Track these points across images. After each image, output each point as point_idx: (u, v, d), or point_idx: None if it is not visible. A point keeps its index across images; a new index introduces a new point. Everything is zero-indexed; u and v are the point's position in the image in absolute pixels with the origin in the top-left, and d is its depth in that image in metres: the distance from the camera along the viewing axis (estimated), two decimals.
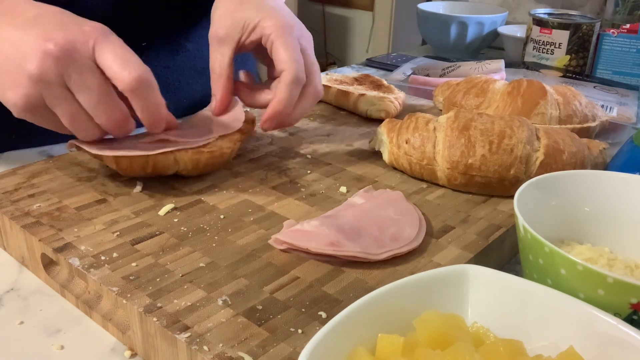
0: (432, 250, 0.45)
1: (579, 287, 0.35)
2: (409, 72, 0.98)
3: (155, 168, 0.52)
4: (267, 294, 0.39)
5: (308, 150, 0.64)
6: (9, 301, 0.44)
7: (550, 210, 0.44)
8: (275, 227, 0.47)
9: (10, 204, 0.49)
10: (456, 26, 1.17)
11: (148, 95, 0.49)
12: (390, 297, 0.33)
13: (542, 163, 0.54)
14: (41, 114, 0.49)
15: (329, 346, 0.29)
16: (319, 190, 0.54)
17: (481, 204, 0.53)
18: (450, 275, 0.35)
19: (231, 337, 0.35)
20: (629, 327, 0.30)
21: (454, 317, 0.33)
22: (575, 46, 1.03)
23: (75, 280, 0.44)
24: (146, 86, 0.48)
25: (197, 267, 0.42)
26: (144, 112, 0.50)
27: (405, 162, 0.57)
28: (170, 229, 0.47)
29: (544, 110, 0.69)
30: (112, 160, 0.51)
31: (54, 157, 0.59)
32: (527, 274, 0.40)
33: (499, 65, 0.92)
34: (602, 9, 1.23)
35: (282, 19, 0.57)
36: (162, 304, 0.38)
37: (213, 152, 0.54)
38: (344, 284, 0.41)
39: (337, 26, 3.42)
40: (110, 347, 0.40)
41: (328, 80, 0.81)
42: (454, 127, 0.55)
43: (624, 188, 0.45)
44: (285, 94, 0.55)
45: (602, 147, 0.59)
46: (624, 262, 0.41)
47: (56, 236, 0.45)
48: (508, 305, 0.34)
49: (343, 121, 0.74)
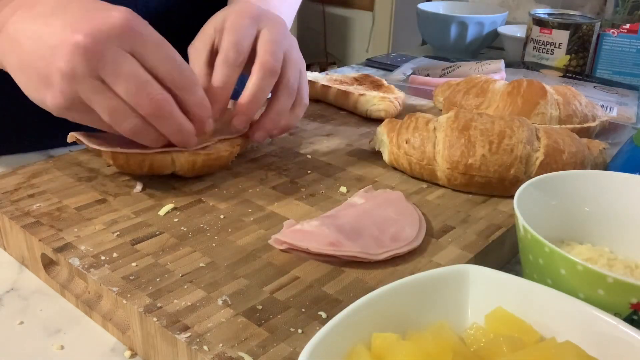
0: (432, 250, 0.45)
1: (579, 287, 0.35)
2: (409, 72, 0.98)
3: (152, 167, 0.52)
4: (267, 294, 0.39)
5: (308, 150, 0.64)
6: (9, 301, 0.44)
7: (550, 210, 0.44)
8: (275, 227, 0.47)
9: (10, 204, 0.49)
10: (456, 26, 1.17)
11: (193, 89, 0.48)
12: (390, 297, 0.33)
13: (542, 163, 0.54)
14: (80, 110, 0.46)
15: (329, 346, 0.29)
16: (319, 190, 0.54)
17: (481, 204, 0.53)
18: (450, 275, 0.35)
19: (231, 337, 0.35)
20: (629, 327, 0.30)
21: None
22: (575, 46, 1.03)
23: (75, 280, 0.44)
24: (193, 83, 0.47)
25: (197, 267, 0.42)
26: (193, 107, 0.48)
27: (405, 162, 0.57)
28: (170, 229, 0.47)
29: (544, 110, 0.69)
30: (110, 155, 0.52)
31: (54, 157, 0.59)
32: (527, 274, 0.40)
33: (499, 65, 0.92)
34: (602, 9, 1.23)
35: (242, 9, 0.55)
36: (162, 304, 0.38)
37: (210, 155, 0.54)
38: (344, 284, 0.41)
39: (337, 26, 3.42)
40: (110, 347, 0.40)
41: (328, 80, 0.81)
42: (454, 127, 0.55)
43: (624, 188, 0.45)
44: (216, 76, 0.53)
45: (602, 147, 0.59)
46: (624, 262, 0.41)
47: (56, 236, 0.45)
48: (508, 305, 0.34)
49: (343, 121, 0.74)
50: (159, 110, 0.46)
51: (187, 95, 0.48)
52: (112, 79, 0.44)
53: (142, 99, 0.45)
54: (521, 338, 0.32)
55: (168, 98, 0.46)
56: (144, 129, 0.47)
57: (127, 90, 0.45)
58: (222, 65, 0.54)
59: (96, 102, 0.45)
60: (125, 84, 0.44)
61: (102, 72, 0.44)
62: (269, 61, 0.54)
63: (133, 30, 0.45)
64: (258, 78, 0.53)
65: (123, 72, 0.44)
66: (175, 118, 0.48)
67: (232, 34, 0.54)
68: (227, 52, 0.53)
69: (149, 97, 0.45)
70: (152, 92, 0.45)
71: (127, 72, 0.44)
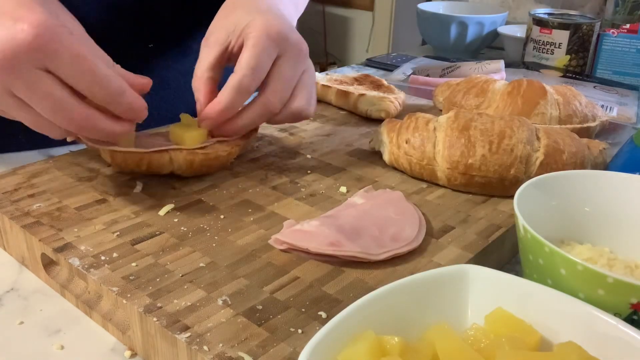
0: (432, 250, 0.45)
1: (579, 287, 0.35)
2: (409, 72, 0.98)
3: (150, 166, 0.52)
4: (267, 294, 0.39)
5: (308, 150, 0.64)
6: (9, 301, 0.44)
7: (550, 210, 0.44)
8: (275, 227, 0.47)
9: (10, 204, 0.49)
10: (456, 26, 1.17)
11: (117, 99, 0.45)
12: (390, 297, 0.33)
13: (542, 163, 0.54)
14: (11, 116, 0.45)
15: (329, 346, 0.29)
16: (319, 190, 0.54)
17: (481, 204, 0.53)
18: (450, 275, 0.35)
19: (231, 337, 0.35)
20: (629, 327, 0.30)
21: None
22: (575, 46, 1.03)
23: (75, 280, 0.44)
24: (116, 93, 0.44)
25: (197, 267, 0.42)
26: (123, 115, 0.46)
27: (405, 162, 0.57)
28: (170, 229, 0.47)
29: (544, 110, 0.69)
30: (108, 154, 0.52)
31: (54, 157, 0.59)
32: (527, 274, 0.40)
33: (498, 65, 0.92)
34: (602, 9, 1.23)
35: (267, 23, 0.53)
36: (162, 304, 0.38)
37: (208, 154, 0.54)
38: (344, 284, 0.41)
39: (337, 26, 3.42)
40: (110, 347, 0.40)
41: (328, 80, 0.81)
42: (454, 127, 0.55)
43: (624, 188, 0.45)
44: (223, 96, 0.52)
45: (602, 147, 0.59)
46: (624, 262, 0.41)
47: (56, 236, 0.45)
48: (508, 305, 0.34)
49: (343, 121, 0.74)
50: (80, 128, 0.44)
51: (112, 106, 0.45)
52: (28, 99, 0.42)
53: (61, 119, 0.43)
54: (522, 338, 0.32)
55: (88, 114, 0.44)
56: (70, 134, 0.46)
57: (44, 111, 0.43)
58: (233, 90, 0.52)
59: (18, 116, 0.44)
60: (41, 104, 0.42)
61: (16, 91, 0.42)
62: (271, 103, 0.53)
63: (44, 47, 0.40)
64: (256, 113, 0.54)
65: (37, 93, 0.42)
66: (102, 128, 0.45)
67: (252, 58, 0.51)
68: (243, 77, 0.51)
69: (67, 117, 0.43)
70: (68, 112, 0.43)
71: (41, 93, 0.42)
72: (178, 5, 0.74)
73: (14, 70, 0.40)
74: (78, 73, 0.42)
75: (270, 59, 0.53)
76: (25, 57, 0.40)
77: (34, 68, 0.41)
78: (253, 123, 0.55)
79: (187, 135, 0.53)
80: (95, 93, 0.44)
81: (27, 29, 0.40)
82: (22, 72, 0.41)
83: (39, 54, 0.40)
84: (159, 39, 0.73)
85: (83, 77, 0.43)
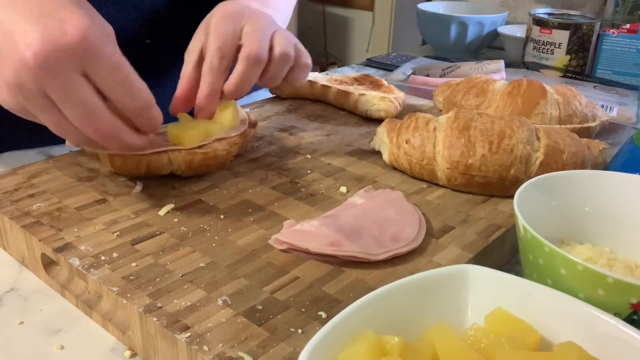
0: (432, 250, 0.45)
1: (579, 287, 0.35)
2: (409, 72, 0.98)
3: (149, 167, 0.52)
4: (267, 294, 0.39)
5: (308, 150, 0.64)
6: (9, 301, 0.44)
7: (550, 210, 0.44)
8: (275, 227, 0.47)
9: (10, 204, 0.49)
10: (456, 26, 1.17)
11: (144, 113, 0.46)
12: (390, 297, 0.33)
13: (542, 163, 0.54)
14: (29, 115, 0.44)
15: (329, 346, 0.29)
16: (319, 190, 0.54)
17: (481, 204, 0.53)
18: (450, 275, 0.35)
19: (231, 337, 0.35)
20: (629, 327, 0.30)
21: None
22: (575, 46, 1.03)
23: (75, 280, 0.44)
24: (146, 107, 0.45)
25: (197, 267, 0.42)
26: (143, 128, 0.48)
27: (405, 162, 0.57)
28: (170, 229, 0.47)
29: (544, 110, 0.69)
30: (107, 158, 0.52)
31: (54, 157, 0.59)
32: (527, 274, 0.40)
33: (498, 65, 0.92)
34: (602, 9, 1.23)
35: (224, 8, 0.56)
36: (162, 304, 0.38)
37: (207, 154, 0.54)
38: (344, 284, 0.41)
39: (337, 26, 3.42)
40: (110, 347, 0.40)
41: (328, 80, 0.81)
42: (454, 127, 0.55)
43: (624, 188, 0.45)
44: (202, 83, 0.53)
45: (602, 147, 0.59)
46: (624, 262, 0.41)
47: (56, 236, 0.45)
48: (508, 305, 0.34)
49: (343, 121, 0.74)
50: (105, 138, 0.45)
51: (138, 119, 0.46)
52: (60, 101, 0.42)
53: (88, 126, 0.43)
54: (522, 338, 0.32)
55: (115, 125, 0.44)
56: (91, 141, 0.46)
57: (74, 116, 0.43)
58: (207, 73, 0.54)
59: (42, 117, 0.43)
60: (72, 110, 0.42)
61: (49, 92, 0.41)
62: (253, 49, 0.54)
63: (88, 50, 0.41)
64: (243, 67, 0.54)
65: (71, 98, 0.42)
66: (124, 141, 0.46)
67: (214, 40, 0.54)
68: (212, 59, 0.54)
69: (95, 126, 0.43)
70: (98, 121, 0.43)
71: (76, 99, 0.42)
72: (178, 4, 0.74)
73: (54, 71, 0.40)
74: (114, 82, 0.43)
75: (234, 34, 0.54)
76: (68, 59, 0.40)
77: (73, 71, 0.41)
78: (248, 80, 0.55)
79: (186, 135, 0.53)
80: (127, 104, 0.44)
81: (73, 32, 0.40)
82: (61, 73, 0.40)
83: (82, 57, 0.41)
84: (158, 38, 0.73)
85: (118, 86, 0.43)
